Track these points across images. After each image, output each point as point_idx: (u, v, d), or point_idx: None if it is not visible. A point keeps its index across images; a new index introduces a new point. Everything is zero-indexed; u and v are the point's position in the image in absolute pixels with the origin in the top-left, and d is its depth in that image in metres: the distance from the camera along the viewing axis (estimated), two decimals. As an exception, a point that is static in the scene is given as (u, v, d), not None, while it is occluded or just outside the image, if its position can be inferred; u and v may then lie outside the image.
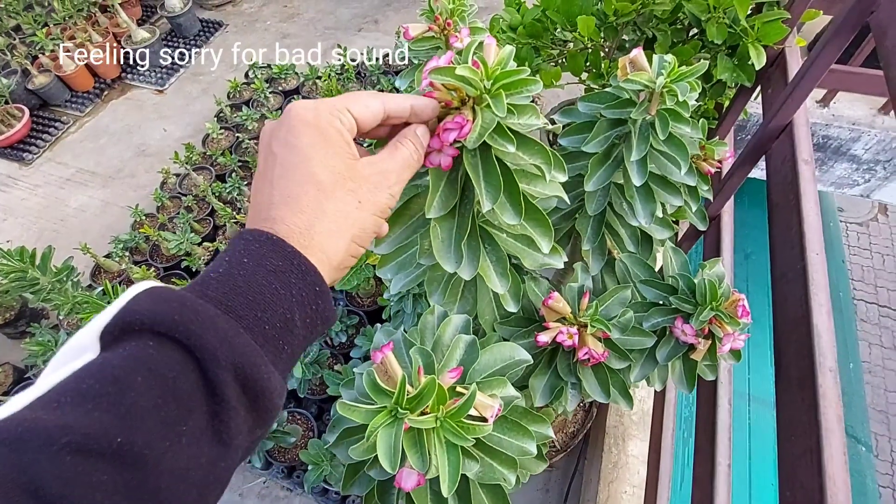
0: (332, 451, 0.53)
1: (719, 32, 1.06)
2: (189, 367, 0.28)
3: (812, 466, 0.68)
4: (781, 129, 1.02)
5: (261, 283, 0.32)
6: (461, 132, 0.44)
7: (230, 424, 0.28)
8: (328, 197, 0.36)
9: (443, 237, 0.52)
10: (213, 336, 0.28)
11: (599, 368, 0.70)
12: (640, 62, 0.69)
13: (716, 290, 0.69)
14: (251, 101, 2.48)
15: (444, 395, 0.43)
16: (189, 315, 0.28)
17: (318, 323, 0.35)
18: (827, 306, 0.78)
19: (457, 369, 0.46)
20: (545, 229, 0.55)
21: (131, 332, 0.28)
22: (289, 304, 0.32)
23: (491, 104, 0.43)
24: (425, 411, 0.42)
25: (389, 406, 0.42)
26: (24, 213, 2.40)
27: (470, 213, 0.52)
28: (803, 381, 0.74)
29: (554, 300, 0.68)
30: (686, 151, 0.72)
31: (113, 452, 0.24)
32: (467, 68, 0.42)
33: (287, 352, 0.33)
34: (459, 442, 0.42)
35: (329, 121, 0.37)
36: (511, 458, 0.50)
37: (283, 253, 0.33)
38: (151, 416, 0.26)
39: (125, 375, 0.26)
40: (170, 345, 0.28)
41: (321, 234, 0.35)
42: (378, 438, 0.40)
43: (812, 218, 0.88)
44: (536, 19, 1.27)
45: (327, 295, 0.35)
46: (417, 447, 0.42)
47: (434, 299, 0.69)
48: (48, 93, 2.73)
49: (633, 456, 1.49)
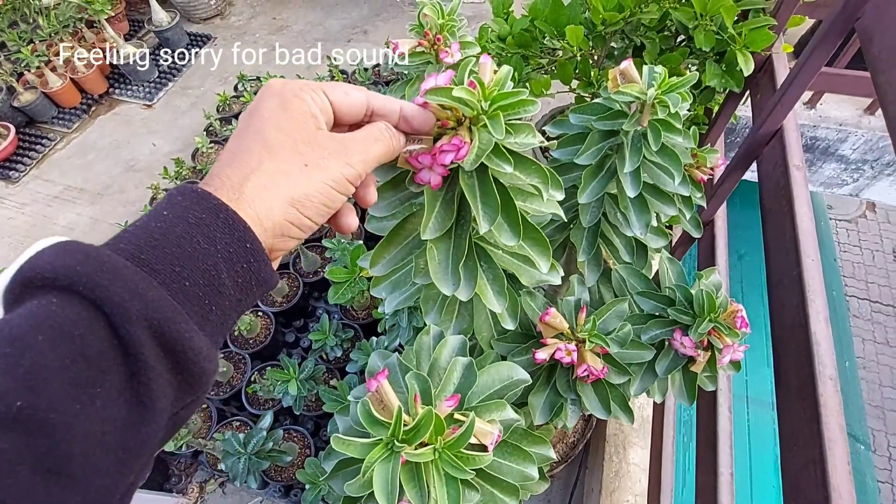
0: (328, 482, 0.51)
1: (707, 40, 1.06)
2: (98, 323, 0.25)
3: (816, 477, 0.67)
4: (772, 134, 1.02)
5: (180, 234, 0.29)
6: (458, 154, 0.43)
7: (151, 386, 0.26)
8: (271, 155, 0.34)
9: (439, 259, 0.51)
10: (121, 287, 0.25)
11: (599, 384, 0.69)
12: (631, 74, 0.68)
13: (714, 302, 0.68)
14: (241, 113, 2.46)
15: (442, 425, 0.42)
16: (94, 266, 0.25)
17: (254, 284, 0.32)
18: (824, 313, 0.78)
19: (454, 397, 0.45)
20: (543, 248, 0.54)
21: (33, 288, 0.25)
22: (213, 261, 0.29)
23: (489, 125, 0.42)
24: (423, 443, 0.41)
25: (385, 439, 0.41)
26: (10, 233, 2.36)
27: (466, 234, 0.51)
28: (803, 389, 0.74)
29: (551, 316, 0.67)
30: (679, 161, 0.72)
31: (13, 418, 0.22)
32: (464, 90, 0.41)
33: (216, 313, 0.30)
34: (459, 475, 0.41)
35: (295, 93, 0.36)
36: (513, 486, 0.49)
37: (207, 205, 0.30)
38: (57, 378, 0.23)
39: (24, 335, 0.23)
40: (75, 299, 0.25)
41: (253, 188, 0.32)
42: (374, 474, 0.39)
43: (806, 223, 0.88)
44: (525, 29, 1.27)
45: (260, 253, 0.32)
46: (415, 481, 0.41)
47: (430, 318, 0.67)
48: (34, 110, 2.70)
49: (634, 464, 1.48)
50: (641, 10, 1.08)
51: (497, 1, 1.38)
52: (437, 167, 0.44)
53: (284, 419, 1.65)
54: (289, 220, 0.34)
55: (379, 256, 0.55)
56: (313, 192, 0.34)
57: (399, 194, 0.52)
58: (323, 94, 0.37)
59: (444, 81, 0.42)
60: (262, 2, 3.42)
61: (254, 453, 1.33)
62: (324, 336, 1.58)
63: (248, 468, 1.32)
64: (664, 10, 1.09)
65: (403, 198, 0.53)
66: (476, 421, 0.44)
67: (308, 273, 1.91)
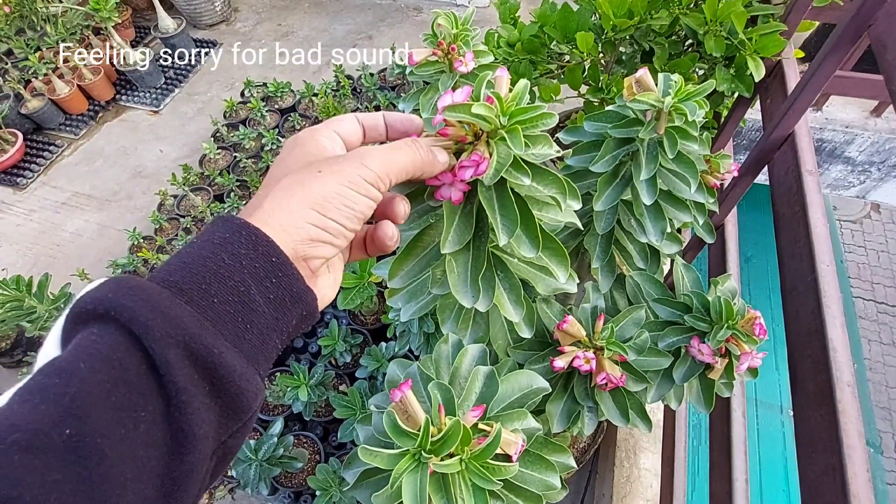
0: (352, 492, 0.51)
1: (717, 46, 1.06)
2: (133, 347, 0.26)
3: (835, 484, 0.67)
4: (783, 139, 1.02)
5: (206, 255, 0.30)
6: (478, 170, 0.43)
7: (187, 410, 0.26)
8: (289, 175, 0.35)
9: (459, 272, 0.51)
10: (144, 307, 0.26)
11: (617, 392, 0.69)
12: (647, 82, 0.69)
13: (731, 309, 0.68)
14: (247, 119, 2.48)
15: (469, 436, 0.42)
16: (124, 291, 0.26)
17: (288, 301, 0.31)
18: (840, 319, 0.78)
19: (479, 407, 0.45)
20: (561, 258, 0.54)
21: (79, 323, 0.27)
22: (240, 277, 0.30)
23: (507, 139, 0.42)
24: (450, 454, 0.41)
25: (413, 450, 0.41)
26: (18, 239, 2.37)
27: (485, 246, 0.52)
28: (821, 396, 0.73)
29: (569, 324, 0.67)
30: (695, 169, 0.72)
31: (64, 446, 0.22)
32: (483, 106, 0.41)
33: (252, 332, 0.30)
34: (487, 486, 0.41)
35: (311, 135, 0.38)
36: (536, 496, 0.49)
37: (231, 226, 0.31)
38: (100, 403, 0.24)
39: (69, 364, 0.24)
40: (112, 326, 0.26)
41: (273, 201, 0.33)
42: (403, 484, 0.39)
43: (820, 229, 0.88)
44: (534, 35, 1.27)
45: (289, 267, 0.32)
46: (443, 492, 0.41)
47: (447, 327, 0.68)
48: (42, 116, 2.72)
49: (645, 469, 1.47)
50: (652, 15, 1.09)
51: (504, 7, 1.39)
52: (457, 183, 0.44)
53: (294, 425, 1.65)
54: (311, 223, 0.34)
55: (397, 269, 0.55)
56: (330, 193, 0.34)
57: (417, 207, 0.52)
58: (329, 129, 0.39)
59: (462, 98, 0.42)
60: (268, 8, 3.43)
61: (265, 460, 1.33)
62: (333, 341, 1.58)
63: (259, 475, 1.32)
64: (674, 15, 1.09)
65: (421, 211, 0.53)
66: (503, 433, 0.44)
67: (316, 278, 1.91)
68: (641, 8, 1.08)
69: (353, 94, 2.46)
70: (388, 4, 3.35)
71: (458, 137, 0.45)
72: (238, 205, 2.03)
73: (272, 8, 3.43)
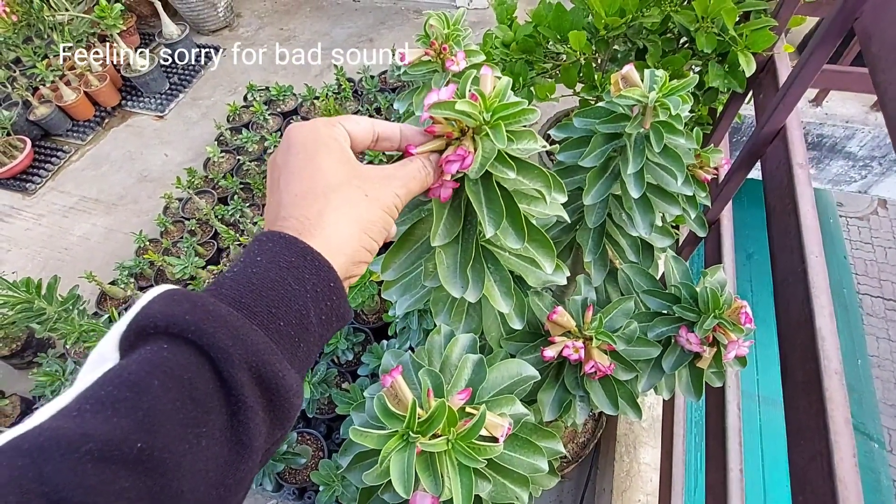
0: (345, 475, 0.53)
1: (708, 42, 1.08)
2: (204, 367, 0.28)
3: (822, 470, 0.68)
4: (775, 133, 1.03)
5: (274, 279, 0.32)
6: (463, 164, 0.45)
7: (249, 425, 0.28)
8: (335, 190, 0.36)
9: (448, 263, 0.53)
10: (225, 334, 0.28)
11: (607, 380, 0.71)
12: (632, 78, 0.70)
13: (718, 299, 0.69)
14: (251, 123, 2.51)
15: (455, 417, 0.44)
16: (200, 314, 0.28)
17: (334, 320, 0.34)
18: (829, 308, 0.79)
19: (466, 390, 0.47)
20: (548, 250, 0.56)
21: (146, 336, 0.28)
22: (303, 301, 0.32)
23: (490, 135, 0.44)
24: (437, 434, 0.43)
25: (401, 430, 0.43)
26: (28, 243, 2.42)
27: (473, 238, 0.54)
28: (809, 384, 0.75)
29: (558, 315, 0.69)
30: (682, 162, 0.73)
31: (134, 458, 0.24)
32: (467, 103, 0.43)
33: (303, 349, 0.32)
34: (471, 464, 0.42)
35: (326, 131, 0.39)
36: (523, 477, 0.51)
37: (296, 249, 0.33)
38: (170, 419, 0.26)
39: (142, 379, 0.26)
40: (184, 346, 0.28)
41: (331, 224, 0.35)
42: (391, 463, 0.41)
43: (810, 221, 0.89)
44: (529, 35, 1.29)
45: (342, 291, 0.35)
46: (430, 470, 0.43)
47: (440, 319, 0.70)
48: (49, 123, 2.77)
49: (645, 463, 1.48)
50: (643, 13, 1.10)
51: (501, 8, 1.41)
52: (446, 182, 0.46)
53: (298, 422, 1.67)
54: (363, 246, 0.37)
55: (390, 261, 0.57)
56: (376, 219, 0.38)
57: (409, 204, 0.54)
58: (341, 126, 0.40)
59: (447, 95, 0.44)
60: (270, 13, 3.48)
61: (269, 455, 1.35)
62: (335, 340, 1.61)
63: (263, 470, 1.34)
64: (665, 13, 1.11)
65: (412, 205, 0.55)
66: (487, 414, 0.46)
67: (318, 278, 1.94)
68: (633, 6, 1.10)
69: (355, 97, 2.49)
70: (388, 7, 3.38)
71: (445, 133, 0.47)
72: (242, 207, 2.06)
73: (274, 13, 3.47)
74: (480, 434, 0.46)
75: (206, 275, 1.93)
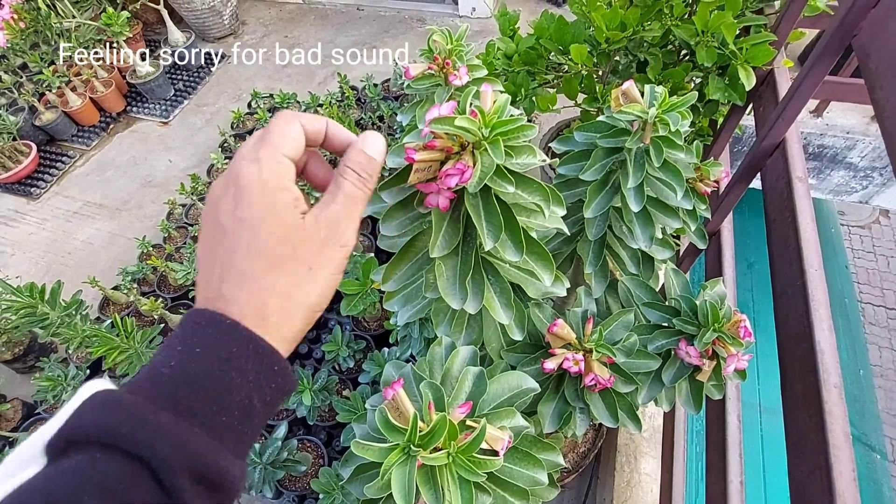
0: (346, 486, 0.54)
1: (709, 56, 1.09)
2: (141, 476, 0.27)
3: (822, 483, 0.68)
4: (775, 146, 1.04)
5: (215, 372, 0.31)
6: (462, 178, 0.46)
7: None
8: (279, 270, 0.34)
9: (447, 275, 0.54)
10: (166, 444, 0.27)
11: (606, 393, 0.71)
12: (632, 93, 0.71)
13: (717, 312, 0.70)
14: (254, 130, 2.53)
15: (455, 431, 0.44)
16: (136, 423, 0.27)
17: (278, 398, 0.34)
18: (828, 322, 0.79)
19: (466, 404, 0.48)
20: (546, 263, 0.56)
21: (77, 444, 0.27)
22: (246, 391, 0.32)
23: (489, 150, 0.45)
24: (437, 448, 0.43)
25: (402, 444, 0.43)
26: (32, 248, 2.43)
27: (473, 250, 0.54)
28: (808, 398, 0.75)
29: (559, 327, 0.69)
30: (681, 177, 0.74)
31: None
32: (466, 119, 0.44)
33: (248, 434, 0.32)
34: (472, 477, 0.43)
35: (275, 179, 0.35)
36: (523, 490, 0.51)
37: (238, 337, 0.32)
38: None
39: (71, 495, 0.25)
40: (119, 455, 0.27)
41: (276, 312, 0.34)
42: (392, 476, 0.41)
43: (809, 234, 0.89)
44: (531, 48, 1.31)
45: (287, 370, 0.34)
46: (431, 484, 0.44)
47: (441, 330, 0.70)
48: (55, 128, 2.79)
49: (645, 474, 1.48)
50: (644, 28, 1.11)
51: (504, 19, 1.42)
52: (443, 191, 0.47)
53: (298, 429, 1.68)
54: (309, 322, 0.37)
55: (391, 273, 0.58)
56: (324, 288, 0.37)
57: (408, 214, 0.55)
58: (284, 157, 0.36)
59: (447, 111, 0.45)
60: (275, 20, 3.51)
61: (269, 463, 1.36)
62: (336, 347, 1.61)
63: (263, 477, 1.34)
64: (666, 27, 1.12)
65: (413, 217, 0.56)
66: (487, 427, 0.47)
67: (320, 285, 1.95)
68: (634, 20, 1.11)
69: (358, 105, 2.51)
70: (391, 16, 3.41)
71: (445, 148, 0.48)
72: (244, 213, 2.08)
73: (279, 20, 3.50)
74: (481, 447, 0.47)
75: (209, 281, 1.94)
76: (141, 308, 1.85)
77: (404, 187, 0.54)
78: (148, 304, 1.75)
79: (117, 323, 1.55)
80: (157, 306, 1.77)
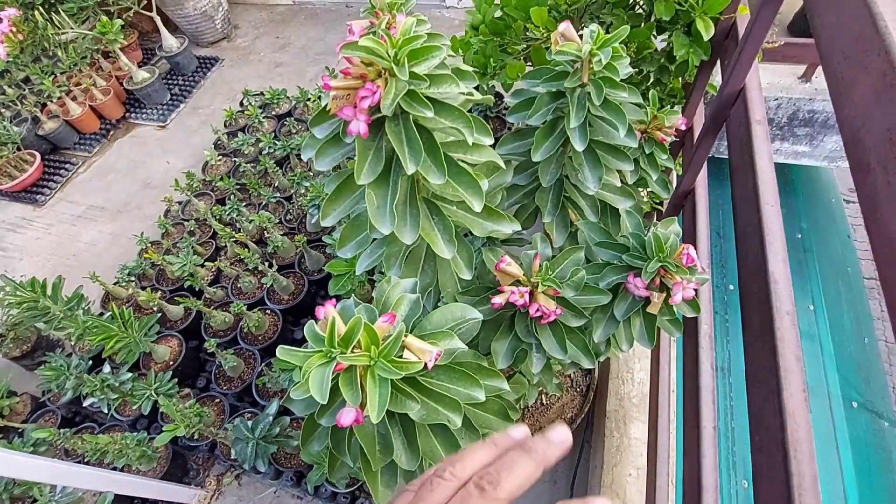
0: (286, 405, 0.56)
1: (667, 10, 1.10)
2: None
3: (774, 406, 0.69)
4: (736, 94, 1.04)
5: None
6: (374, 97, 0.48)
7: None
8: None
9: (378, 203, 0.56)
10: None
11: (556, 327, 0.72)
12: (570, 34, 0.73)
13: (662, 243, 0.71)
14: (246, 127, 2.58)
15: (375, 335, 0.46)
16: None
17: None
18: (783, 255, 0.80)
19: (390, 314, 0.50)
20: (475, 190, 0.58)
21: None
22: None
23: (396, 70, 0.47)
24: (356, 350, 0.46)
25: (325, 349, 0.46)
26: (38, 252, 2.51)
27: (401, 179, 0.56)
28: (764, 328, 0.75)
29: (506, 263, 0.71)
30: (623, 115, 0.75)
31: None
32: (371, 39, 0.46)
33: None
34: (389, 375, 0.45)
35: None
36: (455, 402, 0.53)
37: None
38: None
39: None
40: None
41: None
42: (311, 376, 0.44)
43: (766, 174, 0.90)
44: (498, 18, 1.32)
45: None
46: (352, 385, 0.46)
47: (392, 272, 0.72)
48: (58, 137, 2.88)
49: (635, 438, 1.48)
50: (602, -13, 1.12)
51: (476, -5, 1.44)
52: (360, 114, 0.50)
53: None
54: None
55: (329, 208, 0.60)
56: None
57: (339, 150, 0.57)
58: None
59: (357, 34, 0.47)
60: (265, 22, 3.57)
61: (261, 438, 1.39)
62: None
63: (255, 452, 1.37)
64: (624, -15, 1.13)
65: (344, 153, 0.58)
66: (411, 338, 0.49)
67: (313, 272, 1.99)
68: (592, -20, 1.12)
69: (346, 96, 2.54)
70: (380, 11, 3.45)
71: (361, 75, 0.51)
72: (238, 206, 2.12)
73: (270, 22, 3.56)
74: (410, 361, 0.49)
75: (205, 272, 1.99)
76: (139, 300, 1.91)
77: (333, 122, 0.57)
78: (145, 295, 1.80)
79: (115, 314, 1.60)
80: (155, 298, 1.82)
